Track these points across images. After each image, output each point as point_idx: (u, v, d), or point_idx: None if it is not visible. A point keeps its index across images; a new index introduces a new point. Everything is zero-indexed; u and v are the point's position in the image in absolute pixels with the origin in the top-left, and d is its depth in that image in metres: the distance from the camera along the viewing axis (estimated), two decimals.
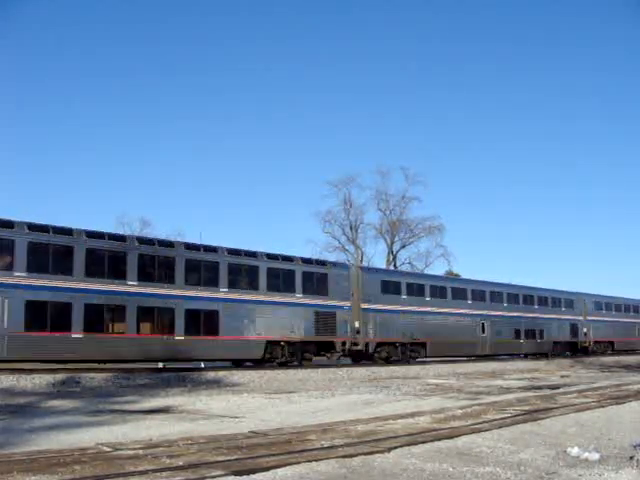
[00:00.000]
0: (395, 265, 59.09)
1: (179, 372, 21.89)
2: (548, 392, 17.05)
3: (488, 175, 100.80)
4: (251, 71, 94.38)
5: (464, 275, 50.33)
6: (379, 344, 30.19)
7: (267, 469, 6.49)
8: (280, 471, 6.44)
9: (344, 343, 28.45)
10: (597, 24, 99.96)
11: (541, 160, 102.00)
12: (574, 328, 44.48)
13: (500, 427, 9.80)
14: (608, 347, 48.05)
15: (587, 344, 45.36)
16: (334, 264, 29.31)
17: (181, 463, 6.75)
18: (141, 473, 6.24)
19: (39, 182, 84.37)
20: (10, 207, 76.86)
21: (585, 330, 45.34)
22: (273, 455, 7.28)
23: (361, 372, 25.51)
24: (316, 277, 28.10)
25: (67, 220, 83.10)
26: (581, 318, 45.17)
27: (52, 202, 78.08)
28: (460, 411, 12.06)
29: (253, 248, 27.49)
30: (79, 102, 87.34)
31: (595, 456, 7.46)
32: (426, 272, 54.22)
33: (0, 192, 69.37)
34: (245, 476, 6.20)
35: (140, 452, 7.42)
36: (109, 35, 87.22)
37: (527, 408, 12.68)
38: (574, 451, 7.72)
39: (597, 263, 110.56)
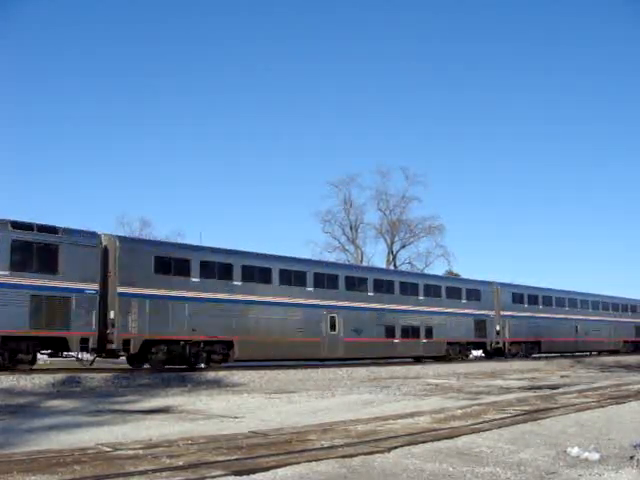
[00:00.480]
0: (395, 265, 59.02)
1: (179, 372, 21.85)
2: (548, 392, 17.05)
3: (488, 175, 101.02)
4: (251, 71, 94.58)
5: (464, 275, 49.80)
6: (150, 342, 22.41)
7: (267, 469, 6.49)
8: (280, 471, 6.44)
9: (85, 339, 20.77)
10: (597, 24, 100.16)
11: (541, 160, 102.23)
12: (481, 325, 35.75)
13: (500, 427, 9.80)
14: (533, 348, 39.65)
15: (501, 344, 37.01)
16: (72, 232, 21.55)
17: (181, 463, 6.75)
18: (141, 473, 6.24)
19: (39, 182, 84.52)
20: (10, 207, 76.95)
21: (498, 328, 36.82)
22: (273, 455, 7.28)
23: (361, 372, 25.51)
24: (38, 249, 20.37)
25: (67, 220, 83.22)
26: (492, 313, 36.69)
27: (52, 202, 78.19)
28: (460, 411, 12.06)
29: (253, 248, 26.74)
30: (79, 102, 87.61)
31: (595, 456, 7.46)
32: (426, 272, 53.68)
33: (0, 192, 69.37)
34: (245, 476, 6.20)
35: (140, 452, 7.42)
36: (109, 35, 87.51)
37: (527, 408, 12.69)
38: (574, 451, 7.72)
39: (597, 263, 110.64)
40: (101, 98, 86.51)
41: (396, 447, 7.85)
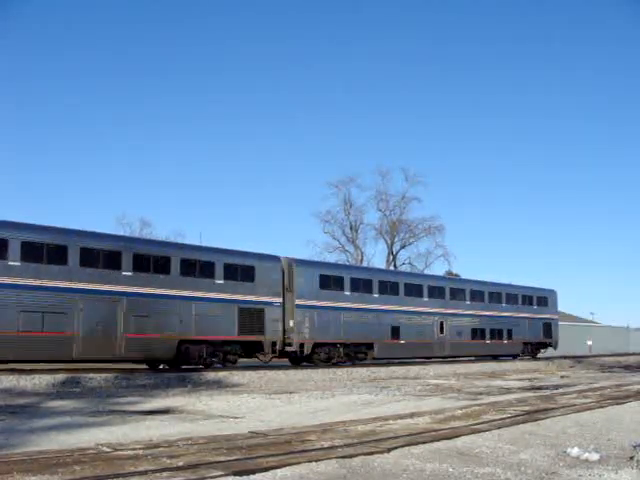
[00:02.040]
0: (395, 265, 59.02)
1: (180, 372, 21.86)
2: (548, 392, 17.05)
3: (488, 175, 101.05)
4: (251, 71, 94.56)
5: (463, 275, 49.70)
6: None
7: (267, 469, 6.49)
8: (280, 471, 6.45)
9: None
10: (597, 24, 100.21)
11: (541, 160, 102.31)
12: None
13: (500, 427, 9.81)
14: None
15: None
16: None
17: (181, 463, 6.76)
18: (141, 473, 6.24)
19: (39, 182, 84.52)
20: (10, 207, 76.96)
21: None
22: (273, 455, 7.28)
23: (361, 372, 25.50)
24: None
25: (67, 220, 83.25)
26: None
27: (52, 202, 78.20)
28: (460, 411, 12.06)
29: (252, 248, 27.06)
30: (79, 102, 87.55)
31: (595, 456, 7.46)
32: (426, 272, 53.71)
33: (0, 192, 69.43)
34: (245, 476, 6.20)
35: (140, 452, 7.42)
36: (109, 35, 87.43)
37: (527, 408, 12.69)
38: (574, 451, 7.72)
39: (598, 263, 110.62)
40: (101, 98, 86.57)
41: (396, 447, 7.85)
